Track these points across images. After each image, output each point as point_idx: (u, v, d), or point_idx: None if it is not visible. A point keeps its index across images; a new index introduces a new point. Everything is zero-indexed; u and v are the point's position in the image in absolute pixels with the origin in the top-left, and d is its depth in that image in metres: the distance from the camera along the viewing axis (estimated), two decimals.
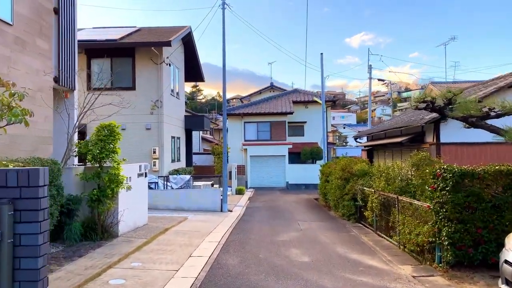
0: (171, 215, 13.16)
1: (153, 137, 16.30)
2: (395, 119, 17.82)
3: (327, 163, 17.43)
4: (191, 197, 14.73)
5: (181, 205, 14.67)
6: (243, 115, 26.91)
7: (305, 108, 29.01)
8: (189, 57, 20.99)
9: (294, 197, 20.48)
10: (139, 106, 16.33)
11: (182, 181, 15.21)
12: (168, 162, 17.01)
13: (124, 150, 16.71)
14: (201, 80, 22.96)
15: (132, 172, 9.93)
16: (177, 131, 18.75)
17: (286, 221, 12.31)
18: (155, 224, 11.02)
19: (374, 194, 10.49)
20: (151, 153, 16.17)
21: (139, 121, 16.35)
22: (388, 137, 16.00)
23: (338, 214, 13.59)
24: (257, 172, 26.53)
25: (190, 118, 20.52)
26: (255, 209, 15.51)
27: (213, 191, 14.78)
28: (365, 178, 12.32)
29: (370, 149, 19.28)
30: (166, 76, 16.76)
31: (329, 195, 15.03)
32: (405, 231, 7.94)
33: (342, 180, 13.50)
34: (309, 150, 26.78)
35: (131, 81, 16.43)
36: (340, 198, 13.46)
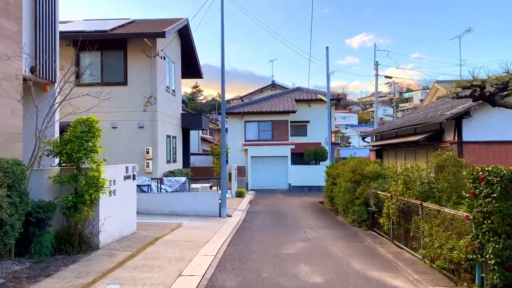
0: (164, 221, 11.97)
1: (146, 136, 15.12)
2: (407, 117, 16.63)
3: (333, 164, 16.24)
4: (187, 201, 13.54)
5: (176, 210, 13.49)
6: (243, 114, 25.73)
7: (308, 107, 27.83)
8: (187, 52, 19.82)
9: (298, 200, 19.29)
10: (132, 103, 15.19)
11: (177, 183, 14.02)
12: (163, 163, 15.82)
13: (114, 150, 15.57)
14: (199, 77, 21.81)
15: (117, 174, 8.74)
16: (173, 130, 17.57)
17: (291, 228, 11.11)
18: (145, 232, 9.83)
19: (391, 199, 9.30)
20: (144, 153, 14.98)
21: (131, 119, 15.17)
22: (400, 136, 14.81)
23: (348, 220, 12.40)
24: (258, 173, 25.34)
25: (187, 117, 19.34)
26: (256, 214, 14.31)
27: (211, 194, 13.60)
28: (378, 181, 11.14)
29: (379, 149, 18.08)
30: (161, 70, 15.59)
31: (337, 199, 13.84)
32: (434, 244, 6.74)
33: (352, 183, 12.31)
34: (313, 151, 25.58)
35: (123, 76, 15.26)
36: (350, 203, 12.27)
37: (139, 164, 14.62)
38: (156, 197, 13.67)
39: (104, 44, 15.25)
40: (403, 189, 9.11)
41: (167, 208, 13.53)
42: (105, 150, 15.39)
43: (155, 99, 15.08)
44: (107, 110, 15.02)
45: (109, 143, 14.93)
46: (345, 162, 15.53)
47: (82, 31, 14.86)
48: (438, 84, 31.38)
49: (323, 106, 27.92)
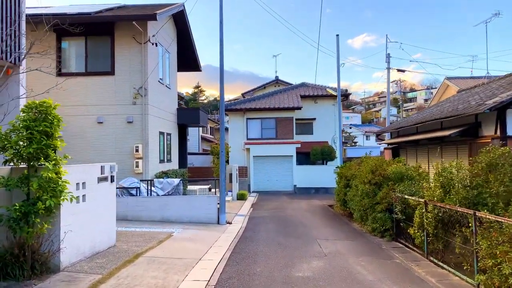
0: (153, 229, 10.28)
1: (135, 132, 13.43)
2: (428, 111, 14.87)
3: (346, 164, 14.51)
4: (181, 206, 11.85)
5: (168, 216, 11.80)
6: (245, 111, 24.02)
7: (314, 103, 26.10)
8: (183, 43, 18.13)
9: (305, 204, 17.56)
10: (119, 95, 13.52)
11: (170, 186, 12.32)
12: (155, 163, 14.13)
13: (100, 148, 13.82)
14: (197, 70, 20.11)
15: (88, 176, 7.05)
16: (167, 126, 15.87)
17: (301, 240, 9.38)
18: (126, 245, 8.13)
19: (427, 205, 7.58)
20: (133, 151, 13.29)
21: (119, 113, 13.49)
22: (423, 132, 13.06)
23: (366, 229, 10.67)
24: (261, 174, 23.62)
25: (183, 112, 17.64)
26: (259, 221, 12.59)
27: (208, 198, 11.89)
28: (404, 183, 9.42)
29: (396, 147, 16.33)
30: (152, 58, 13.90)
31: (352, 203, 12.10)
32: (502, 270, 5.01)
33: (371, 185, 10.59)
34: (320, 150, 23.83)
35: (110, 64, 13.57)
36: (369, 208, 10.54)
37: (128, 164, 12.97)
38: (146, 201, 11.98)
39: (89, 29, 13.53)
40: (441, 194, 7.40)
41: (158, 213, 11.85)
42: (89, 147, 13.78)
43: (145, 90, 13.39)
44: (91, 103, 13.42)
45: (94, 140, 13.29)
46: (361, 161, 13.81)
47: (64, 13, 13.18)
48: (449, 80, 29.75)
49: (330, 103, 26.25)
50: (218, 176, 20.89)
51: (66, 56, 13.80)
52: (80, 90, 13.51)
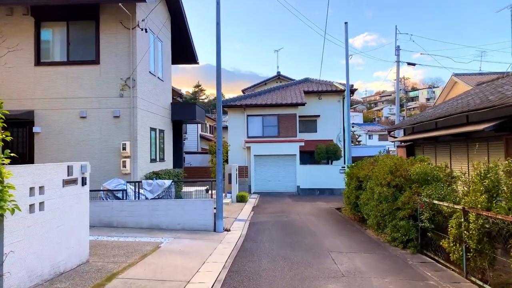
0: (139, 239, 8.89)
1: (123, 128, 12.03)
2: (446, 106, 13.44)
3: (358, 164, 13.10)
4: (172, 211, 10.45)
5: (157, 223, 10.41)
6: (245, 107, 22.61)
7: (318, 100, 24.69)
8: (178, 32, 16.73)
9: (310, 207, 16.16)
10: (105, 86, 12.13)
11: (160, 188, 10.92)
12: (145, 162, 12.73)
13: (84, 146, 12.24)
14: (193, 62, 18.70)
15: (49, 178, 5.65)
16: (159, 121, 14.47)
17: (311, 253, 7.97)
18: (102, 261, 6.75)
19: (466, 214, 6.19)
20: (119, 149, 11.89)
21: (104, 106, 12.09)
22: (445, 127, 11.64)
23: (385, 238, 9.26)
24: (263, 174, 22.22)
25: (178, 107, 16.22)
26: (261, 227, 11.19)
27: (203, 202, 10.49)
28: (431, 186, 8.02)
29: (410, 145, 14.91)
30: (142, 46, 12.49)
31: (366, 208, 10.70)
32: None
33: (390, 188, 9.19)
34: (324, 149, 22.43)
35: (94, 53, 12.17)
36: (388, 215, 9.14)
37: (114, 164, 11.58)
38: (133, 206, 10.59)
39: (71, 13, 12.21)
40: (485, 200, 6.00)
41: (147, 220, 10.46)
42: (70, 145, 12.27)
43: (134, 81, 11.99)
44: (74, 95, 12.01)
45: (76, 137, 11.90)
46: (374, 160, 12.42)
47: None
48: (457, 77, 28.51)
49: (335, 99, 24.84)
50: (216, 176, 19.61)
51: (45, 44, 12.40)
52: (61, 81, 12.13)
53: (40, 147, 12.05)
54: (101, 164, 11.93)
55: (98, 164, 11.94)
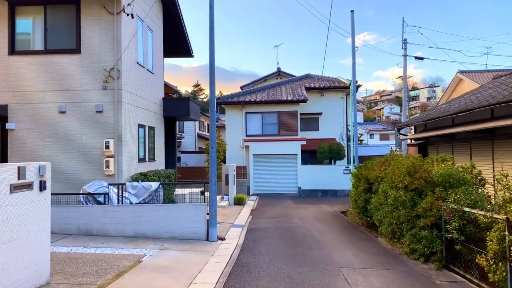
0: (119, 251, 7.71)
1: (106, 124, 10.83)
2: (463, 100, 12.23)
3: (367, 164, 11.91)
4: (160, 218, 9.26)
5: (143, 231, 9.22)
6: (244, 104, 21.42)
7: (320, 97, 23.56)
8: (171, 23, 15.52)
9: (313, 210, 14.98)
10: (87, 78, 10.93)
11: (146, 191, 9.71)
12: (132, 162, 11.53)
13: (63, 144, 10.90)
14: (188, 55, 17.49)
15: None
16: (149, 118, 13.27)
17: (319, 270, 6.77)
18: (65, 282, 5.58)
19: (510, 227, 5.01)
20: (102, 147, 10.68)
21: (86, 100, 10.89)
22: (464, 124, 10.45)
23: (402, 249, 8.07)
24: (262, 175, 21.02)
25: (170, 103, 15.00)
26: (260, 235, 10.00)
27: (194, 207, 9.29)
28: (459, 190, 6.83)
29: (423, 144, 13.73)
30: (128, 33, 11.28)
31: (378, 214, 9.49)
32: None
33: (408, 191, 8.00)
34: (327, 148, 21.25)
35: (75, 41, 10.97)
36: (405, 223, 7.94)
37: (97, 164, 10.39)
38: (115, 211, 9.39)
39: None
40: None
41: (131, 227, 9.27)
42: (48, 143, 10.72)
43: (118, 72, 10.78)
44: (52, 88, 10.82)
45: (55, 134, 10.71)
46: (385, 160, 11.24)
47: None
48: (462, 74, 27.43)
49: (337, 96, 23.69)
50: None
51: (20, 31, 11.19)
52: (38, 72, 10.93)
53: (14, 145, 10.85)
54: (82, 164, 10.74)
55: (79, 164, 10.75)
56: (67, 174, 10.70)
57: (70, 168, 10.72)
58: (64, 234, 9.27)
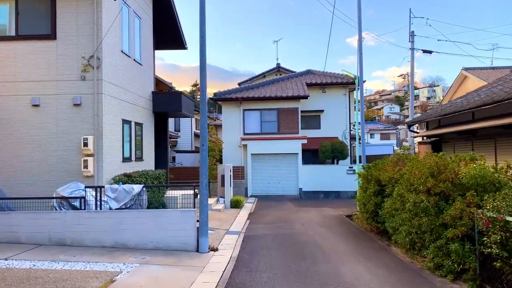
0: (91, 266, 6.52)
1: (84, 119, 9.63)
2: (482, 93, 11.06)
3: (377, 164, 10.72)
4: (143, 225, 8.08)
5: (124, 240, 8.05)
6: (242, 101, 20.23)
7: (322, 93, 22.35)
8: (162, 14, 14.31)
9: (316, 214, 13.81)
10: (63, 67, 9.73)
11: (127, 195, 8.51)
12: (115, 162, 10.33)
13: (37, 140, 9.53)
14: (181, 47, 16.28)
15: None
16: (136, 113, 12.07)
17: None
18: None
19: None
20: (80, 145, 9.48)
21: (62, 92, 9.69)
22: (486, 118, 9.28)
23: (424, 263, 6.89)
24: (261, 175, 19.83)
25: (160, 97, 13.76)
26: (258, 244, 8.81)
27: (182, 214, 8.10)
28: (499, 195, 5.66)
29: (436, 141, 12.55)
30: (110, 16, 10.07)
31: (393, 221, 8.31)
32: None
33: (431, 196, 6.82)
34: (330, 147, 20.08)
35: (49, 25, 9.75)
36: (428, 232, 6.76)
37: (74, 163, 9.21)
38: (93, 218, 8.20)
39: None
40: None
41: (110, 236, 8.08)
42: (20, 140, 8.24)
43: (99, 60, 9.57)
44: (24, 78, 9.61)
45: (28, 130, 9.51)
46: (398, 159, 10.07)
47: None
48: (467, 71, 26.42)
49: (340, 92, 22.50)
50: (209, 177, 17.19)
51: None
52: (8, 61, 9.74)
53: None
54: (58, 164, 9.55)
55: (55, 164, 9.56)
56: (42, 175, 9.52)
57: (45, 168, 9.54)
58: (33, 244, 8.09)
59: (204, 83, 7.96)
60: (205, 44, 8.01)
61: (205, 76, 7.98)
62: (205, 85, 7.98)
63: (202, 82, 7.97)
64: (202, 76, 7.96)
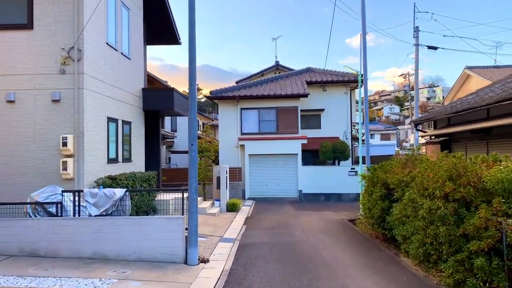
0: (61, 283, 5.69)
1: (64, 116, 8.79)
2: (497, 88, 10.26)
3: (383, 165, 9.88)
4: (126, 234, 7.24)
5: (104, 251, 7.21)
6: (239, 99, 19.40)
7: (323, 92, 21.53)
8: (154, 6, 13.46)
9: (317, 218, 12.99)
10: (40, 59, 8.88)
11: (108, 200, 7.66)
12: (99, 163, 9.48)
13: (12, 139, 8.40)
14: (175, 42, 15.46)
15: None
16: (124, 111, 11.24)
17: None
18: None
19: None
20: (59, 145, 8.64)
21: (39, 87, 8.85)
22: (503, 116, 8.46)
23: (442, 280, 6.05)
24: (259, 177, 18.99)
25: (151, 94, 12.88)
26: (254, 254, 7.98)
27: (168, 221, 7.28)
28: None
29: (446, 141, 11.74)
30: (93, 6, 9.22)
31: (403, 228, 7.47)
32: None
33: (448, 202, 5.98)
34: (331, 147, 19.25)
35: (26, 14, 8.91)
36: (446, 243, 5.92)
37: (53, 165, 8.37)
38: (70, 226, 7.36)
39: None
40: None
41: (89, 246, 7.25)
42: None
43: (80, 52, 8.74)
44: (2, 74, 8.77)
45: (1, 129, 8.66)
46: (407, 160, 9.26)
47: None
48: (470, 70, 25.70)
49: (341, 90, 21.70)
50: (202, 179, 16.37)
51: None
52: None
53: None
54: (35, 165, 8.71)
55: (31, 166, 8.72)
56: (16, 177, 8.67)
57: (20, 170, 8.69)
58: (0, 256, 7.24)
59: (193, 74, 7.13)
60: (194, 32, 7.18)
61: (194, 66, 7.16)
62: (195, 76, 7.15)
63: (191, 73, 7.13)
64: (191, 67, 7.13)
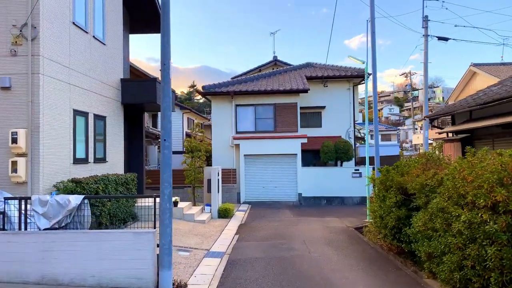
0: None
1: (16, 107, 7.30)
2: None
3: (398, 166, 8.39)
4: (82, 252, 5.75)
5: (55, 274, 5.73)
6: (234, 95, 17.93)
7: (323, 88, 20.04)
8: None
9: (319, 226, 11.52)
10: None
11: (62, 209, 6.15)
12: (62, 164, 7.98)
13: None
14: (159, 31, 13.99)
15: None
16: (97, 103, 9.73)
17: None
18: None
19: None
20: (7, 142, 7.14)
21: None
22: None
23: None
24: (255, 179, 17.51)
25: (131, 85, 11.30)
26: (245, 276, 6.49)
27: (135, 237, 5.79)
28: None
29: (467, 138, 10.27)
30: None
31: (429, 244, 5.99)
32: None
33: (498, 214, 4.51)
34: (333, 147, 17.77)
35: None
36: (498, 270, 4.44)
37: (3, 166, 6.86)
38: (12, 242, 5.86)
39: None
40: None
41: (36, 268, 5.75)
42: None
43: (35, 29, 7.25)
44: None
45: None
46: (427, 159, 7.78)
47: None
48: (476, 67, 24.55)
49: (343, 87, 20.21)
50: (191, 182, 14.84)
51: None
52: None
53: None
54: None
55: None
56: None
57: None
58: None
59: (167, 50, 5.63)
60: None
61: (168, 40, 5.66)
62: (169, 52, 5.65)
63: (164, 49, 5.63)
64: (164, 40, 5.64)
